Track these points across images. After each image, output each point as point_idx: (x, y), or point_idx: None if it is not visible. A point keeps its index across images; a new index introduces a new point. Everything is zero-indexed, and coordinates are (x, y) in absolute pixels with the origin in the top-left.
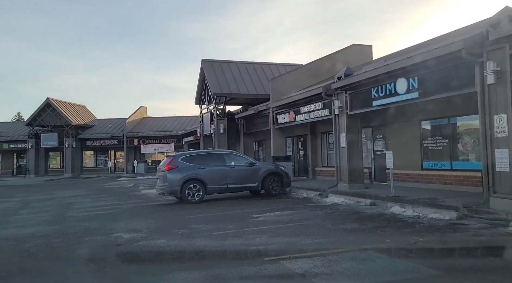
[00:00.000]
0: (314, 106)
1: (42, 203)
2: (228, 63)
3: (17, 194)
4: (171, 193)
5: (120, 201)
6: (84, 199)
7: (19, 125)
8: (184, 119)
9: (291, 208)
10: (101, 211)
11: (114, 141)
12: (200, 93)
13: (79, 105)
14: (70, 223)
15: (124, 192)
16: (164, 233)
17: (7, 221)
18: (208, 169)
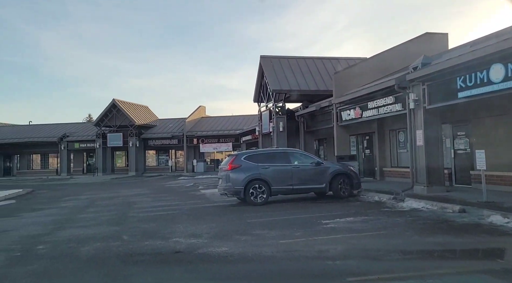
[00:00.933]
0: (384, 101)
1: (106, 202)
2: (287, 59)
3: (85, 192)
4: (234, 194)
5: (180, 201)
6: (146, 198)
7: (88, 126)
8: (242, 118)
9: (364, 213)
10: (161, 212)
11: (175, 140)
12: (259, 91)
13: (142, 106)
14: (131, 224)
15: (184, 191)
16: (225, 239)
17: (73, 219)
18: (272, 169)
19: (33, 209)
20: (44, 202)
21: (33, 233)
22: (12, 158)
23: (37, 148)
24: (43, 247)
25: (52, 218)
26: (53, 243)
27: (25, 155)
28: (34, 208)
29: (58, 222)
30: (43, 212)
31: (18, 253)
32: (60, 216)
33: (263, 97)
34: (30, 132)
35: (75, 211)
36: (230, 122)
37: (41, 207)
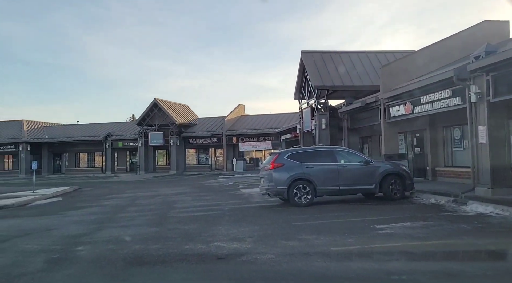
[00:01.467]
0: (440, 94)
1: (147, 201)
2: (330, 53)
3: (128, 190)
4: (277, 194)
5: (220, 201)
6: (186, 197)
7: (131, 125)
8: (281, 116)
9: (422, 217)
10: (202, 212)
11: (214, 139)
12: (300, 87)
13: (182, 105)
14: (171, 225)
15: (224, 190)
16: (271, 245)
17: (114, 219)
18: (317, 168)
19: (77, 207)
20: (88, 200)
21: (74, 232)
22: (61, 157)
23: (84, 147)
24: (82, 249)
25: (93, 217)
26: (92, 244)
27: (72, 154)
28: (78, 206)
29: (99, 221)
30: (86, 210)
31: (57, 254)
32: (102, 214)
33: (304, 93)
34: (77, 131)
35: (116, 210)
36: (269, 121)
37: (84, 205)
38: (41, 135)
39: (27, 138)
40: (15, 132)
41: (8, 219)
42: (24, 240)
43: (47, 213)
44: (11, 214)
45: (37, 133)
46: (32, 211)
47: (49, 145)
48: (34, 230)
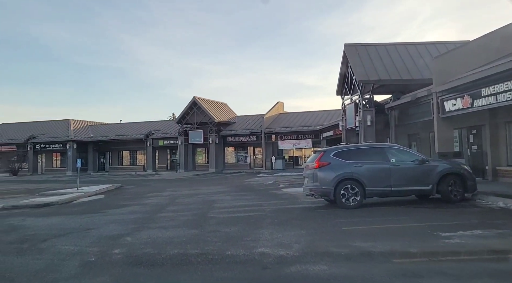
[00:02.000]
0: (506, 86)
1: (187, 199)
2: (375, 46)
3: (168, 188)
4: (322, 195)
5: (261, 201)
6: (226, 196)
7: (171, 123)
8: (322, 114)
9: (493, 224)
10: (243, 213)
11: (253, 137)
12: (342, 82)
13: (221, 103)
14: (211, 227)
15: (265, 190)
16: (321, 253)
17: (153, 219)
18: (366, 167)
19: (118, 206)
20: (129, 198)
21: (113, 233)
22: (105, 155)
23: (126, 145)
24: (118, 252)
25: (133, 217)
26: (129, 246)
27: (116, 152)
28: (119, 204)
29: (138, 221)
30: (126, 209)
31: (93, 257)
32: (141, 214)
33: (347, 89)
34: (120, 130)
35: (156, 209)
36: (309, 118)
37: (125, 203)
38: (87, 134)
39: (73, 136)
40: (63, 131)
41: (52, 217)
42: (63, 240)
43: (88, 211)
44: (55, 211)
45: (83, 132)
46: (75, 209)
47: (94, 144)
48: (74, 230)
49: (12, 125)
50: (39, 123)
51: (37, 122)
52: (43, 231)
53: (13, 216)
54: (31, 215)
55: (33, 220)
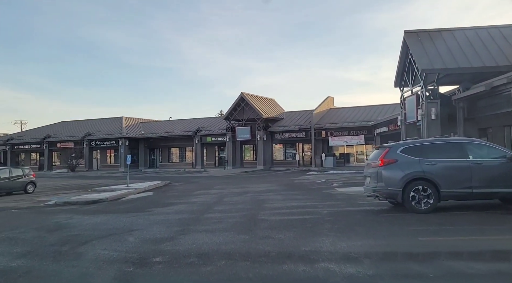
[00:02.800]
0: None
1: (235, 198)
2: (440, 31)
3: (216, 185)
4: (387, 197)
5: (315, 201)
6: (276, 195)
7: (219, 120)
8: (375, 109)
9: None
10: (296, 215)
11: (302, 133)
12: (401, 73)
13: (269, 99)
14: (262, 232)
15: (317, 189)
16: (402, 273)
17: (199, 220)
18: (441, 165)
19: (164, 204)
20: (176, 195)
21: (156, 236)
22: (155, 151)
23: (175, 142)
24: (160, 261)
25: (179, 217)
26: (172, 254)
27: (166, 149)
28: (166, 202)
29: (184, 223)
30: (173, 208)
31: (131, 266)
32: (188, 214)
33: (407, 80)
34: (169, 127)
35: (203, 209)
36: (361, 113)
37: (172, 201)
38: (138, 131)
39: (125, 134)
40: (116, 128)
41: (98, 215)
42: (103, 243)
43: (134, 209)
44: (102, 209)
45: (134, 129)
46: (122, 206)
47: (145, 140)
48: (117, 231)
49: (70, 123)
50: (94, 120)
51: (92, 120)
52: (86, 232)
53: (62, 213)
54: (79, 212)
55: (79, 219)
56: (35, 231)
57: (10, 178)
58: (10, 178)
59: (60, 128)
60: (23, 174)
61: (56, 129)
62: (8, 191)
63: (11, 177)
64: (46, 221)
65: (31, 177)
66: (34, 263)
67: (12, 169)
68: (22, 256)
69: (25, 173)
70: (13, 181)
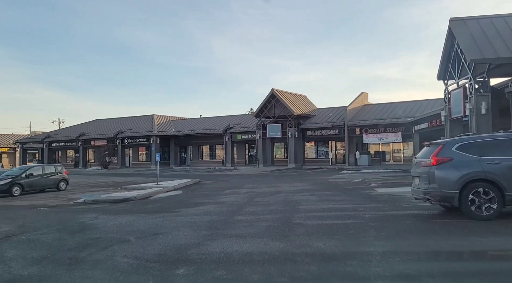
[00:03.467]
0: None
1: (266, 198)
2: (490, 18)
3: (246, 184)
4: (441, 200)
5: (354, 203)
6: (310, 196)
7: (249, 117)
8: (413, 104)
9: None
10: (335, 220)
11: (335, 130)
12: (446, 65)
13: (300, 95)
14: (299, 240)
15: (354, 189)
16: None
17: (229, 223)
18: (506, 165)
19: (192, 204)
20: (206, 194)
21: (181, 241)
22: (186, 149)
23: (206, 140)
24: (183, 273)
25: (207, 219)
26: (197, 265)
27: (196, 146)
28: (195, 202)
29: (212, 226)
30: (202, 208)
31: (150, 281)
32: (216, 216)
33: (452, 72)
34: (200, 124)
35: (233, 210)
36: (397, 109)
37: (201, 201)
38: (169, 128)
39: (156, 131)
40: (147, 126)
41: (124, 215)
42: (125, 248)
43: (162, 210)
44: (129, 209)
45: (165, 126)
46: (149, 206)
47: (176, 138)
48: (141, 234)
49: (103, 121)
50: (127, 118)
51: (125, 118)
52: (108, 235)
53: (89, 212)
54: (106, 212)
55: (104, 219)
56: (57, 233)
57: (43, 176)
58: (43, 175)
59: (94, 126)
60: (55, 171)
61: (90, 127)
62: (42, 188)
63: (44, 175)
64: (71, 221)
65: (63, 174)
66: (46, 272)
67: (45, 167)
68: (37, 262)
69: (58, 170)
70: (46, 178)
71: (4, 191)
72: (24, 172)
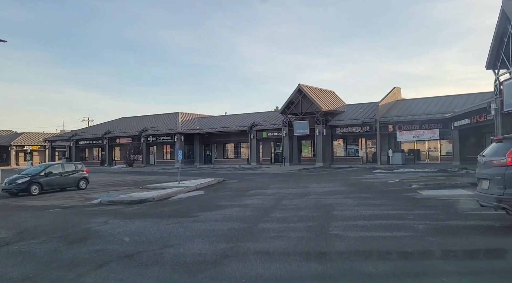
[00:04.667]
0: None
1: (295, 201)
2: None
3: (272, 184)
4: None
5: (399, 209)
6: (344, 199)
7: (275, 114)
8: (451, 99)
9: None
10: (382, 231)
11: (365, 127)
12: (497, 52)
13: (328, 91)
14: (340, 260)
15: (394, 191)
16: None
17: (252, 233)
18: None
19: (213, 207)
20: (229, 196)
21: (194, 258)
22: (210, 147)
23: (231, 137)
24: None
25: (228, 227)
26: None
27: (221, 144)
28: (216, 204)
29: (233, 237)
30: (222, 212)
31: None
32: (239, 223)
33: (505, 59)
34: (224, 122)
35: (258, 216)
36: (434, 105)
37: (223, 203)
38: (193, 126)
39: (181, 129)
40: (172, 124)
41: (137, 220)
42: (124, 268)
43: (179, 213)
44: (145, 211)
45: (190, 124)
46: (166, 209)
47: (200, 136)
48: (148, 247)
49: (129, 119)
50: (151, 116)
51: (150, 115)
52: (111, 246)
53: (100, 216)
54: (118, 215)
55: (113, 224)
56: (55, 242)
57: (63, 174)
58: (63, 173)
59: (119, 124)
60: (75, 169)
61: (116, 125)
62: (62, 187)
63: (64, 173)
64: (77, 226)
65: (84, 172)
66: None
67: (65, 165)
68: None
69: (78, 168)
70: (66, 177)
71: (23, 190)
72: (43, 171)
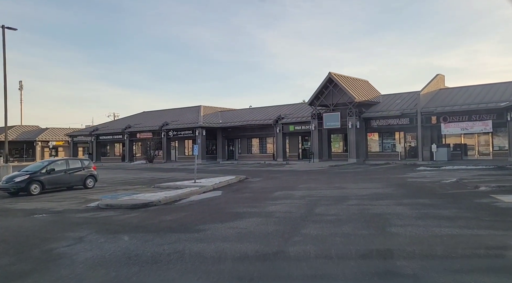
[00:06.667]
0: None
1: (333, 209)
2: None
3: (301, 183)
4: None
5: (487, 226)
6: (397, 206)
7: (303, 106)
8: (504, 86)
9: None
10: (481, 273)
11: (405, 119)
12: None
13: (362, 80)
14: None
15: (457, 195)
16: None
17: (274, 266)
18: None
19: (228, 215)
20: (249, 198)
21: None
22: (234, 142)
23: (255, 132)
24: None
25: (240, 252)
26: None
27: (245, 139)
28: (232, 211)
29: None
30: (238, 225)
31: None
32: (257, 244)
33: None
34: (249, 115)
35: (284, 233)
36: (484, 93)
37: (241, 210)
38: (216, 120)
39: (202, 123)
40: (193, 117)
41: (123, 235)
42: None
43: (181, 226)
44: (141, 222)
45: (212, 118)
46: (169, 217)
47: (223, 130)
48: None
49: (150, 113)
50: (173, 110)
51: (171, 109)
52: None
53: (82, 228)
54: (104, 228)
55: (88, 244)
56: None
57: (67, 171)
58: (67, 171)
59: (141, 118)
60: (81, 166)
61: (137, 120)
62: (67, 185)
63: (68, 170)
64: (40, 245)
65: (91, 169)
66: None
67: (70, 161)
68: None
69: (84, 165)
70: (70, 174)
71: (22, 189)
72: (45, 168)
